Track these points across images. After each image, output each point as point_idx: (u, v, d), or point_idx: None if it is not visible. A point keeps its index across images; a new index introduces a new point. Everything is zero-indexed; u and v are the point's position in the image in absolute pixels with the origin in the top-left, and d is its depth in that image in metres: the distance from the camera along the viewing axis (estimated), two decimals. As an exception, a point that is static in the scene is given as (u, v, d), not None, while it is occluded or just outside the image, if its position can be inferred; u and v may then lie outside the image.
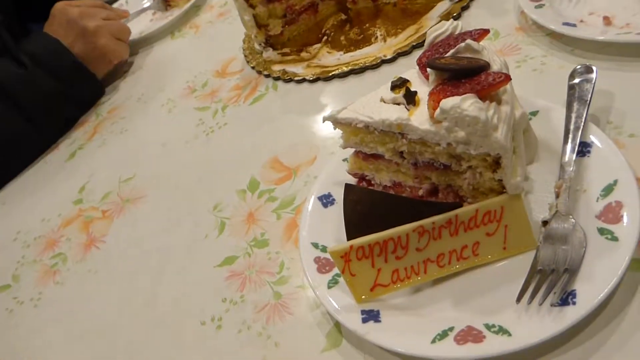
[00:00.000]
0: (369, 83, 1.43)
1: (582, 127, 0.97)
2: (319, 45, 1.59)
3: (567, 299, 0.78)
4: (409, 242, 0.87)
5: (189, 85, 1.74)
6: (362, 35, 1.56)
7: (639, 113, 1.04)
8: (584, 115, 0.98)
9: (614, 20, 1.23)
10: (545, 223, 0.89)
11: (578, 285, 0.79)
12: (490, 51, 0.89)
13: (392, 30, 1.52)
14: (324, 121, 1.00)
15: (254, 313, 0.97)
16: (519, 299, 0.80)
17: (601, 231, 0.84)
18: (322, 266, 0.97)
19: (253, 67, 1.63)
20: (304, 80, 1.51)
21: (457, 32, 0.96)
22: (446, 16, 1.46)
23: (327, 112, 1.43)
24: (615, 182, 0.88)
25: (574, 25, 1.23)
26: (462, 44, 0.87)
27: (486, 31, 0.93)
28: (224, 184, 1.33)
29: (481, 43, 0.90)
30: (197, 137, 1.53)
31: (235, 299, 1.06)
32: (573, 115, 0.99)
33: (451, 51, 0.89)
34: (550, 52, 1.25)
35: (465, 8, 1.48)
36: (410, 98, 0.91)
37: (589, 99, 1.01)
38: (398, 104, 0.93)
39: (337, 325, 0.92)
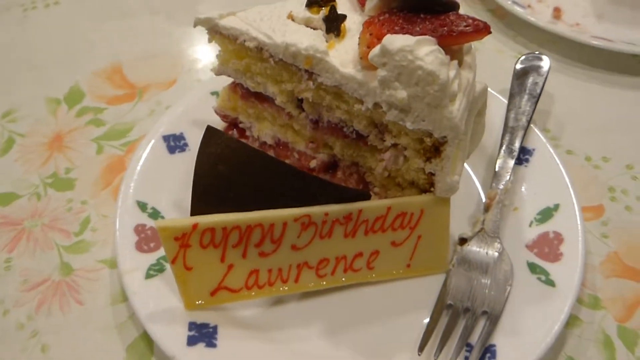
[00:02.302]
0: None
1: (526, 127, 0.75)
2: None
3: (483, 357, 0.56)
4: (284, 234, 0.58)
5: None
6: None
7: (579, 127, 0.87)
8: (531, 113, 0.77)
9: (564, 15, 1.05)
10: (463, 241, 0.67)
11: (499, 340, 0.57)
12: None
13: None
14: (195, 25, 0.65)
15: (22, 291, 0.65)
16: (421, 348, 0.56)
17: (532, 267, 0.64)
18: (146, 240, 0.65)
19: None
20: (183, -26, 1.11)
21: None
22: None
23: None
24: (557, 207, 0.68)
25: (524, 8, 1.03)
26: (425, -33, 0.59)
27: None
28: (30, 85, 0.92)
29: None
30: (9, 9, 1.06)
31: (-4, 261, 0.69)
32: (516, 111, 0.78)
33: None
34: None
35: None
36: (335, 24, 0.61)
37: (538, 94, 0.80)
38: (314, 28, 0.62)
39: (147, 336, 0.60)
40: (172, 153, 0.74)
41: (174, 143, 0.75)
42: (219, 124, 0.76)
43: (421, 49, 0.51)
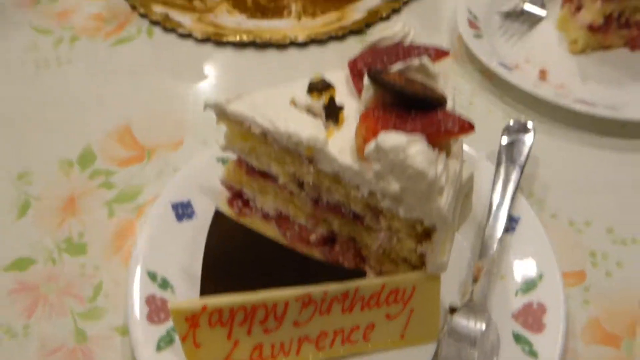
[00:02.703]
0: (270, 63, 1.15)
1: (513, 196, 0.81)
2: (218, -3, 1.26)
3: None
4: (286, 312, 0.62)
5: (31, -7, 1.28)
6: (273, 3, 1.26)
7: (563, 190, 0.92)
8: (517, 182, 0.82)
9: (549, 76, 1.11)
10: (453, 310, 0.71)
11: (485, 412, 0.62)
12: (445, 81, 0.68)
13: (310, 9, 1.26)
14: (205, 108, 0.70)
15: (39, 358, 0.65)
16: (412, 422, 0.60)
17: (517, 338, 0.68)
18: (156, 312, 0.68)
19: (126, -2, 1.24)
20: (189, 36, 1.18)
21: (407, 41, 0.73)
22: (374, 14, 1.24)
23: (210, 84, 1.14)
24: (541, 277, 0.73)
25: (511, 70, 1.09)
26: (416, 62, 0.64)
27: (445, 53, 0.71)
28: (43, 146, 0.96)
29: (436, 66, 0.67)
30: (23, 66, 1.11)
31: (15, 327, 0.72)
32: (503, 181, 0.83)
33: (398, 65, 0.65)
34: (479, 91, 1.10)
35: (396, 11, 1.27)
36: (333, 113, 0.66)
37: (523, 164, 0.85)
38: (315, 113, 0.67)
39: (158, 405, 0.64)
40: (179, 221, 0.79)
41: (182, 211, 0.80)
42: (224, 190, 0.81)
43: (411, 148, 0.56)
